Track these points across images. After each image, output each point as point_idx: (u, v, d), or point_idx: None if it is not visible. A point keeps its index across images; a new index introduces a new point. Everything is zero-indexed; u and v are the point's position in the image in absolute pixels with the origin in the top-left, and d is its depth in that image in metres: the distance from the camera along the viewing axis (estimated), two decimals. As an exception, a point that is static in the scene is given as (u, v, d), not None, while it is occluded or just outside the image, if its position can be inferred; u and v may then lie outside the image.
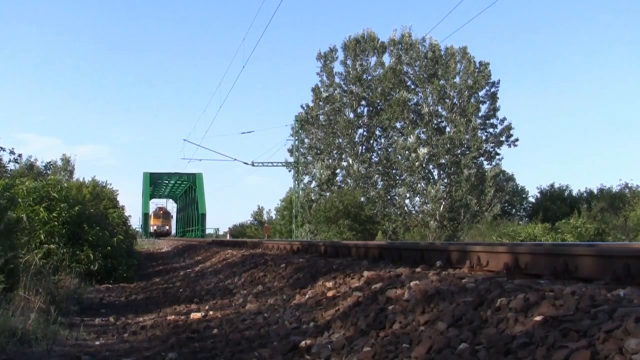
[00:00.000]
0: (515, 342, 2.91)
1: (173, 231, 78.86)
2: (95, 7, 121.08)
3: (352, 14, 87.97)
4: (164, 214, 76.99)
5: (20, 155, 24.75)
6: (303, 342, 4.42)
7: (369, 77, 48.54)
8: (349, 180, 47.75)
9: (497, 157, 46.19)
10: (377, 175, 47.94)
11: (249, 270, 10.27)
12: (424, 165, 45.22)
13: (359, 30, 72.25)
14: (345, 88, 48.75)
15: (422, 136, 45.90)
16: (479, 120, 45.75)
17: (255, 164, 45.52)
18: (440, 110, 46.48)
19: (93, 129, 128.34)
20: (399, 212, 46.74)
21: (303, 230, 44.47)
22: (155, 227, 71.96)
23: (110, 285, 12.12)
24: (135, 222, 60.66)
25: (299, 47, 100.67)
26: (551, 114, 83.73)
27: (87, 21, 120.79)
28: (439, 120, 46.50)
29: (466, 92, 45.21)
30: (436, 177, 46.58)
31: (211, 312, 7.12)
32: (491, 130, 46.34)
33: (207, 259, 16.70)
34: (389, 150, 47.92)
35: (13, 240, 8.66)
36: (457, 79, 45.54)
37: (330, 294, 6.02)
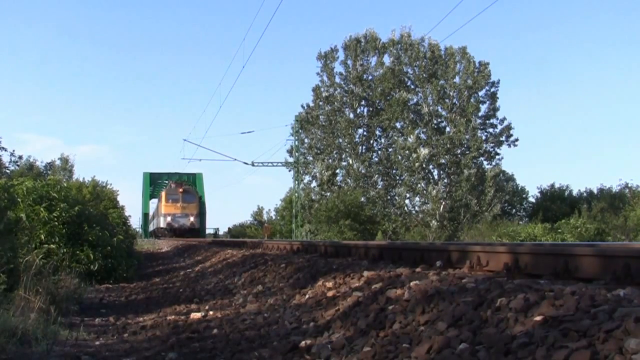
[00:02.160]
0: (515, 342, 2.91)
1: (198, 225, 47.84)
2: (96, 8, 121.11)
3: (353, 14, 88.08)
4: (184, 194, 45.93)
5: (20, 157, 24.89)
6: (303, 342, 4.42)
7: (370, 77, 48.59)
8: (349, 180, 47.76)
9: (497, 157, 46.29)
10: (377, 175, 47.96)
11: (249, 270, 10.26)
12: (424, 166, 45.24)
13: (359, 30, 72.43)
14: (346, 88, 48.77)
15: (422, 136, 45.96)
16: (478, 120, 45.80)
17: (255, 164, 45.52)
18: (440, 110, 46.54)
19: (93, 129, 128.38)
20: (399, 212, 46.76)
21: (303, 230, 44.47)
22: (169, 219, 44.75)
23: (110, 285, 12.12)
24: (136, 222, 60.61)
25: (299, 47, 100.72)
26: (551, 114, 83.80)
27: (87, 21, 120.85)
28: (439, 120, 46.54)
29: (466, 92, 45.23)
30: (436, 177, 46.62)
31: (211, 312, 7.12)
32: (491, 130, 46.44)
33: (207, 259, 16.70)
34: (389, 150, 47.96)
35: (13, 240, 8.66)
36: (457, 79, 45.59)
37: (330, 294, 6.02)
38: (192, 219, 45.56)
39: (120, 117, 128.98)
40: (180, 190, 46.35)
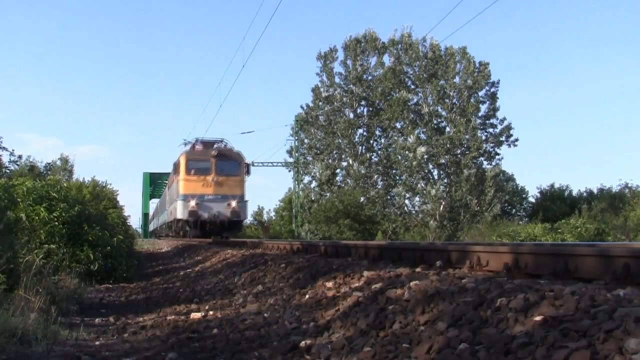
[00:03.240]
0: (515, 342, 2.91)
1: (247, 216, 30.88)
2: (95, 8, 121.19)
3: (352, 14, 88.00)
4: (221, 161, 26.75)
5: (20, 157, 24.98)
6: (303, 342, 4.42)
7: (369, 77, 48.62)
8: (349, 180, 47.78)
9: (497, 157, 46.32)
10: (377, 175, 47.99)
11: (249, 270, 10.26)
12: (422, 165, 45.25)
13: (359, 30, 72.44)
14: (346, 88, 48.80)
15: (422, 136, 46.00)
16: (478, 120, 45.83)
17: (255, 164, 45.44)
18: (440, 110, 46.57)
19: (93, 129, 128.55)
20: (398, 212, 46.79)
21: (302, 230, 44.47)
22: (193, 204, 25.85)
23: (110, 285, 12.12)
24: (136, 222, 60.66)
25: (299, 47, 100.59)
26: (551, 114, 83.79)
27: (87, 22, 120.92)
28: (439, 120, 46.58)
29: (466, 92, 45.26)
30: (436, 177, 46.65)
31: (211, 312, 7.12)
32: (491, 130, 46.47)
33: (207, 259, 16.69)
34: (389, 150, 47.98)
35: (13, 240, 8.67)
36: (457, 79, 45.62)
37: (330, 294, 6.03)
38: (233, 203, 25.52)
39: (120, 117, 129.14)
40: (214, 153, 26.16)
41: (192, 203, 25.64)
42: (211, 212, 25.72)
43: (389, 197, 47.69)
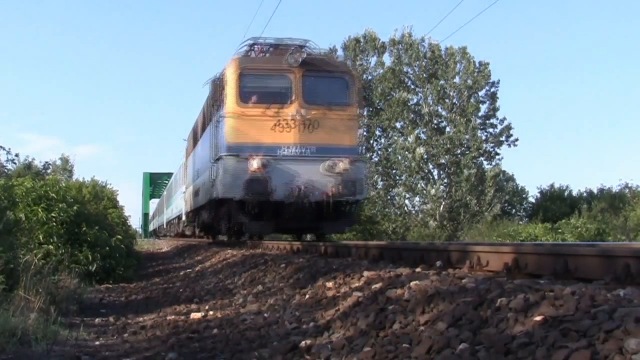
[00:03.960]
0: (515, 342, 2.91)
1: (361, 195, 13.44)
2: (96, 8, 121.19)
3: (352, 14, 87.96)
4: (308, 78, 12.75)
5: (17, 155, 25.01)
6: (303, 342, 4.42)
7: (369, 77, 48.59)
8: (349, 180, 47.69)
9: (497, 157, 46.29)
10: (377, 176, 47.97)
11: (249, 270, 10.26)
12: (421, 165, 45.23)
13: (359, 30, 72.35)
14: (345, 88, 48.73)
15: (422, 136, 45.99)
16: (478, 120, 45.82)
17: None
18: (440, 110, 46.56)
19: (94, 128, 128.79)
20: (399, 213, 46.77)
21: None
22: (256, 164, 12.34)
23: (110, 285, 12.10)
24: (136, 222, 60.66)
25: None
26: (551, 113, 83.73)
27: (87, 22, 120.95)
28: (439, 120, 46.57)
29: (466, 92, 45.25)
30: (436, 177, 46.63)
31: (211, 312, 7.12)
32: (491, 130, 46.42)
33: (207, 259, 16.69)
34: (389, 150, 47.97)
35: (13, 240, 8.67)
36: (457, 79, 45.61)
37: (330, 294, 6.02)
38: (342, 165, 12.68)
39: (120, 117, 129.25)
40: (297, 59, 12.74)
41: (254, 164, 12.87)
42: (294, 182, 13.12)
43: (389, 197, 47.68)
